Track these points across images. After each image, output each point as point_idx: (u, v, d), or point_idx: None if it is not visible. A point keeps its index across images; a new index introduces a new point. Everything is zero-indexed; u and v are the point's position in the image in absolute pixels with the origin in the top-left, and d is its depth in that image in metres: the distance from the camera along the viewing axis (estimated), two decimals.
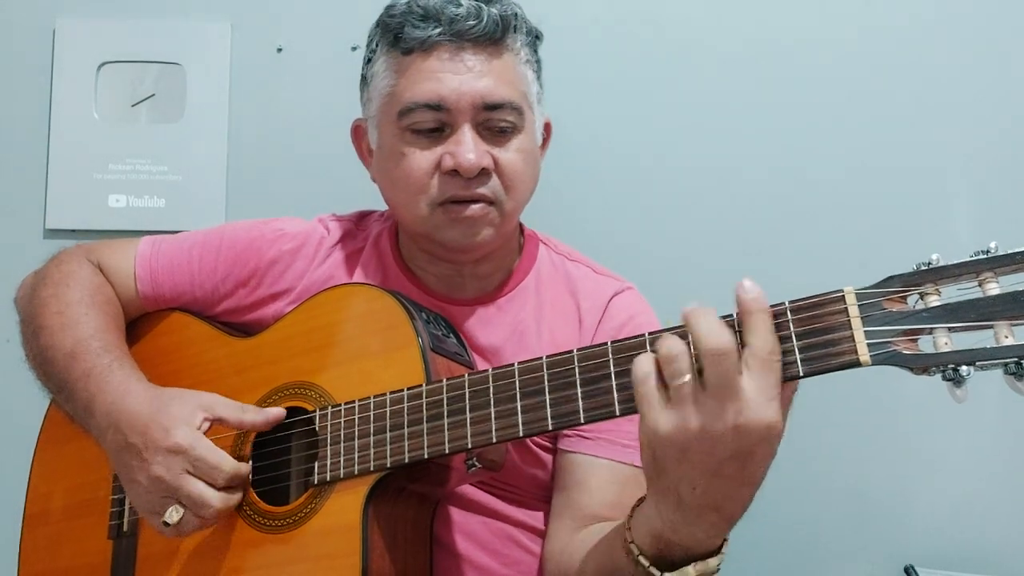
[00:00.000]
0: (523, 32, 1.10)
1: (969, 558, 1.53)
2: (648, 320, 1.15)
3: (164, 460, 0.96)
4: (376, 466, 0.94)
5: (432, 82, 1.04)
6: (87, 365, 1.06)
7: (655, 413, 0.73)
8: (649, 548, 0.79)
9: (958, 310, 0.69)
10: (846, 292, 0.72)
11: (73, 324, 1.10)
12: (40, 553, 1.16)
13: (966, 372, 0.68)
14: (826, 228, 1.60)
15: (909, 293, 0.71)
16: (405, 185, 1.07)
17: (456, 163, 1.04)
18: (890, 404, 1.54)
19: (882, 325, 0.70)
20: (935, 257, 0.71)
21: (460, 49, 1.05)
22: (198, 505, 0.95)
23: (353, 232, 1.22)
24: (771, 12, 1.64)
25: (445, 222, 1.07)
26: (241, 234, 1.19)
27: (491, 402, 0.88)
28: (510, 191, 1.08)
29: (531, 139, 1.11)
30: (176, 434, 0.96)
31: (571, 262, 1.20)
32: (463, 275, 1.15)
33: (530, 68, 1.11)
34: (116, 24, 1.66)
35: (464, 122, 1.05)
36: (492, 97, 1.05)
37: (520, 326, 1.13)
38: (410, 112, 1.05)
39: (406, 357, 0.97)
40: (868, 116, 1.61)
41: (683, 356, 0.71)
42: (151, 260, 1.19)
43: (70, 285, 1.14)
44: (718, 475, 0.73)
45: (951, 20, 1.62)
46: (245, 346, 1.11)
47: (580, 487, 1.06)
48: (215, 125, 1.66)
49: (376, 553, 0.93)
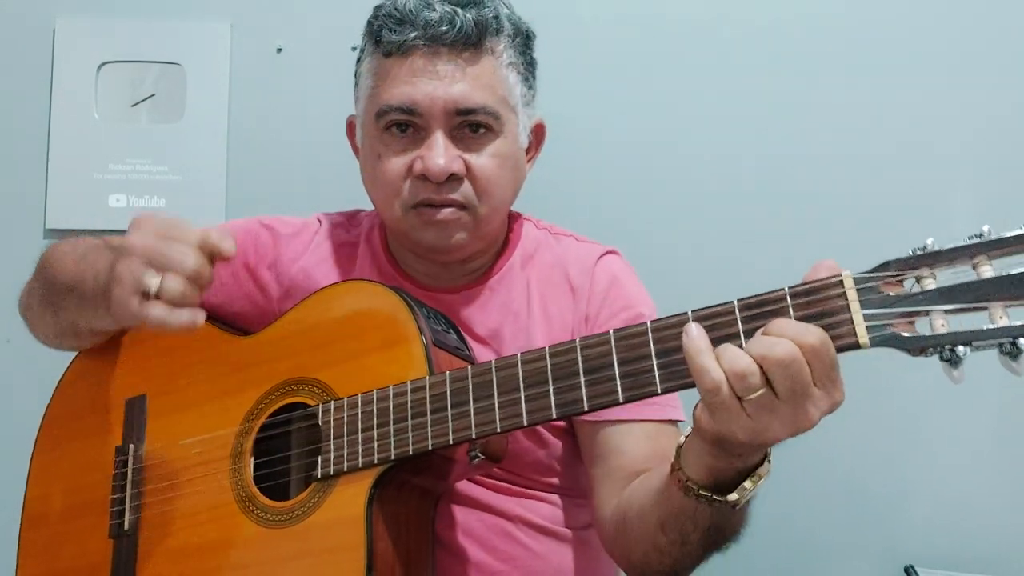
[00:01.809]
0: (506, 34, 1.09)
1: (969, 558, 1.53)
2: (628, 279, 1.17)
3: (139, 234, 0.93)
4: (380, 459, 0.94)
5: (407, 86, 1.05)
6: (97, 241, 1.10)
7: (731, 423, 0.75)
8: (705, 479, 0.82)
9: (953, 293, 0.70)
10: (844, 276, 0.74)
11: (85, 247, 1.11)
12: (39, 554, 1.15)
13: (962, 352, 0.70)
14: (823, 218, 1.61)
15: (905, 277, 0.73)
16: (382, 186, 1.09)
17: (425, 168, 1.05)
18: (890, 404, 1.54)
19: (880, 308, 0.72)
20: (930, 241, 0.72)
21: (435, 54, 1.05)
22: (180, 259, 0.90)
23: (346, 225, 1.23)
24: (771, 4, 1.66)
25: (418, 224, 1.08)
26: (239, 226, 1.22)
27: (495, 392, 0.89)
28: (483, 196, 1.08)
29: (511, 143, 1.11)
30: (147, 223, 0.95)
31: (554, 236, 1.21)
32: (451, 270, 1.15)
33: (514, 70, 1.10)
34: (116, 24, 1.67)
35: (437, 127, 1.05)
36: (466, 103, 1.05)
37: (514, 305, 1.14)
38: (385, 114, 1.07)
39: (409, 352, 0.97)
40: (866, 107, 1.62)
41: (754, 373, 0.72)
42: None
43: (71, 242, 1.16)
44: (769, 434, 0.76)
45: (951, 12, 1.63)
46: (246, 343, 1.11)
47: (616, 453, 1.06)
48: (215, 125, 1.66)
49: (381, 546, 0.93)
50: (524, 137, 1.14)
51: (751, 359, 0.73)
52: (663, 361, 0.80)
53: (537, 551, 1.10)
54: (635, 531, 0.97)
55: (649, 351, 0.81)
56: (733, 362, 0.73)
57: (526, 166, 1.17)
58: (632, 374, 0.82)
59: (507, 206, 1.15)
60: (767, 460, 0.82)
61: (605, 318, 1.12)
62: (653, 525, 0.92)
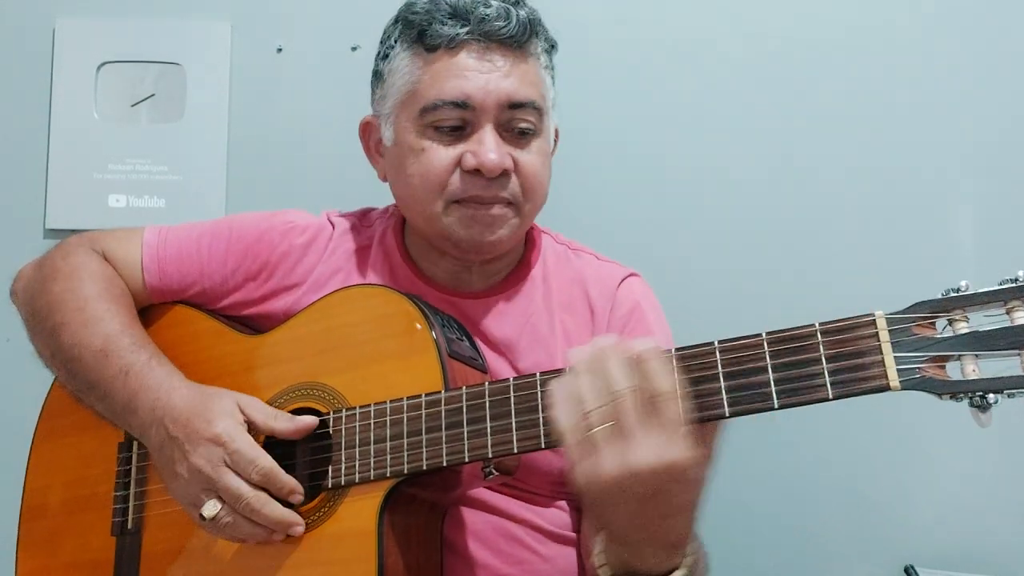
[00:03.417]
0: (543, 39, 1.11)
1: (969, 558, 1.53)
2: (650, 304, 1.17)
3: (205, 450, 0.96)
4: (393, 472, 0.94)
5: (459, 79, 1.04)
6: (123, 362, 1.05)
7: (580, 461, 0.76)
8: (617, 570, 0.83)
9: (986, 338, 0.70)
10: (877, 317, 0.73)
11: (97, 320, 1.08)
12: (40, 547, 1.14)
13: (993, 400, 0.70)
14: (827, 229, 1.60)
15: (937, 318, 0.72)
16: (422, 181, 1.07)
17: (479, 162, 1.03)
18: (890, 404, 1.53)
19: (911, 351, 0.72)
20: (964, 284, 0.72)
21: (487, 49, 1.05)
22: (233, 498, 0.95)
23: (358, 228, 1.21)
24: (776, 13, 1.65)
25: (460, 220, 1.07)
26: (250, 226, 1.18)
27: (512, 412, 0.88)
28: (528, 194, 1.08)
29: (547, 143, 1.12)
30: (218, 424, 0.97)
31: (573, 251, 1.21)
32: (471, 271, 1.15)
33: (548, 74, 1.12)
34: (116, 24, 1.66)
35: (487, 121, 1.05)
36: (518, 96, 1.05)
37: (532, 317, 1.13)
38: (434, 109, 1.05)
39: (423, 362, 0.96)
40: (873, 118, 1.62)
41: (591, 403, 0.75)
42: (158, 250, 1.17)
43: (83, 279, 1.12)
44: (641, 514, 0.76)
45: (954, 18, 1.63)
46: (255, 343, 1.09)
47: None
48: (215, 125, 1.66)
49: (391, 559, 0.93)
50: (552, 140, 1.15)
51: None
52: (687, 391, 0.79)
53: (545, 555, 1.10)
54: None
55: None
56: None
57: None
58: None
59: (543, 205, 1.14)
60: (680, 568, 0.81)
61: None
62: None
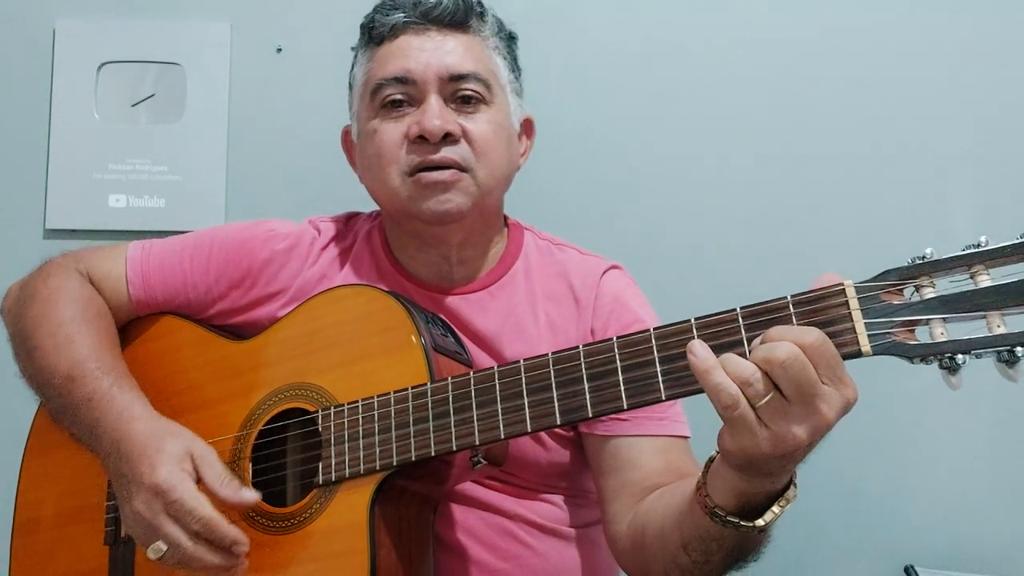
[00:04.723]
0: (490, 23, 1.15)
1: (969, 558, 1.53)
2: (634, 292, 1.19)
3: (145, 498, 0.95)
4: (382, 465, 0.94)
5: (401, 59, 1.11)
6: (87, 389, 1.05)
7: (752, 437, 0.74)
8: (733, 506, 0.82)
9: (952, 302, 0.72)
10: (846, 285, 0.75)
11: (67, 345, 1.09)
12: (33, 560, 1.14)
13: (961, 360, 0.72)
14: (821, 224, 1.60)
15: (905, 286, 0.74)
16: (378, 160, 1.11)
17: (420, 127, 1.07)
18: (889, 403, 1.54)
19: (881, 317, 0.74)
20: (929, 251, 0.74)
21: (426, 29, 1.12)
22: (172, 546, 0.94)
23: (343, 231, 1.22)
24: (769, 9, 1.65)
25: (417, 191, 1.08)
26: (232, 235, 1.19)
27: (497, 399, 0.89)
28: (481, 157, 1.10)
29: (503, 116, 1.14)
30: (159, 472, 0.95)
31: (556, 246, 1.22)
32: (450, 261, 1.15)
33: (499, 55, 1.16)
34: (116, 24, 1.66)
35: (431, 92, 1.09)
36: (458, 68, 1.10)
37: (515, 311, 1.14)
38: (380, 88, 1.11)
39: (409, 357, 0.97)
40: (865, 112, 1.62)
41: (759, 379, 0.73)
42: (142, 263, 1.18)
43: (59, 302, 1.13)
44: (809, 449, 0.77)
45: (951, 15, 1.63)
46: (241, 348, 1.10)
47: (630, 466, 1.07)
48: (215, 125, 1.66)
49: (384, 551, 0.93)
50: (516, 122, 1.17)
51: (754, 366, 0.73)
52: (667, 368, 0.81)
53: (538, 550, 1.11)
54: (655, 548, 0.97)
55: (653, 358, 0.82)
56: (738, 371, 0.74)
57: (519, 153, 1.19)
58: (636, 380, 0.83)
59: (504, 179, 1.15)
60: (793, 484, 0.82)
61: (614, 332, 1.12)
62: (675, 544, 0.92)
